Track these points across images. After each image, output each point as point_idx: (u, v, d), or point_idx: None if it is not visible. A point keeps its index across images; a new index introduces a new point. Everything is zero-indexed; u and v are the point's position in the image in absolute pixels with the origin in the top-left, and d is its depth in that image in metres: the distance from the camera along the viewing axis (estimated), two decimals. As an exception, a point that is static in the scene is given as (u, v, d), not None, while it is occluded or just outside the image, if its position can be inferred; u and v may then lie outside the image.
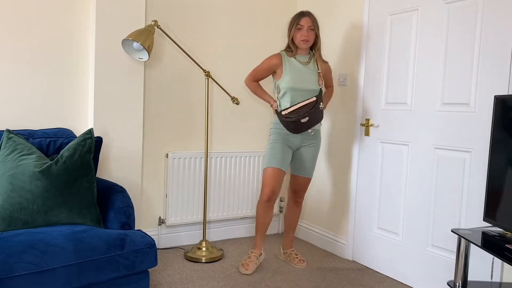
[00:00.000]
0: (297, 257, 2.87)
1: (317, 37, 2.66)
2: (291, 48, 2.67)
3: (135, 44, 2.61)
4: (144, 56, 2.66)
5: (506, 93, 2.10)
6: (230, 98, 3.29)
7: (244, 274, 2.66)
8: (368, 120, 2.86)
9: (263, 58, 3.40)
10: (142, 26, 2.74)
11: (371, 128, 2.85)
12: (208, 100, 2.99)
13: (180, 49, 2.93)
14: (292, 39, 2.65)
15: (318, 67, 2.70)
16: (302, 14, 2.62)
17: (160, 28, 2.74)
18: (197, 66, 3.09)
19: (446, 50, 2.39)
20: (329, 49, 3.21)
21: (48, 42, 2.58)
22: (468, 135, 2.28)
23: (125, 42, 2.61)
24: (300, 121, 2.59)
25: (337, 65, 3.14)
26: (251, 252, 2.77)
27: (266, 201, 2.68)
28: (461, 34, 2.31)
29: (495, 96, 1.89)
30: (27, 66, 2.53)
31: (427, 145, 2.50)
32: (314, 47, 2.69)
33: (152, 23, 2.68)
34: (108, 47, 2.66)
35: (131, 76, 2.75)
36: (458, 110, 2.33)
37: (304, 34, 2.59)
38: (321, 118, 2.69)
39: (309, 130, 2.67)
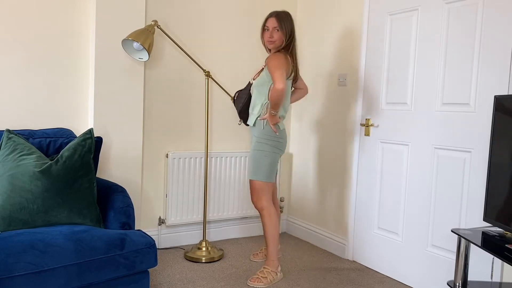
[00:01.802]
0: (256, 275, 2.54)
1: (290, 36, 2.55)
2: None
3: (135, 44, 2.62)
4: (144, 56, 2.66)
5: (506, 93, 2.10)
6: (230, 98, 3.28)
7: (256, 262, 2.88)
8: (368, 120, 2.86)
9: (262, 58, 3.42)
10: (142, 26, 2.74)
11: (371, 128, 2.85)
12: (208, 100, 2.99)
13: (180, 49, 2.93)
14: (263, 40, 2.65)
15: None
16: (269, 15, 2.58)
17: (160, 28, 2.74)
18: (197, 66, 3.09)
19: (446, 50, 2.39)
20: (329, 49, 3.21)
21: (48, 42, 2.58)
22: (468, 135, 2.28)
23: (125, 42, 2.61)
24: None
25: (337, 65, 3.14)
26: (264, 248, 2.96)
27: None
28: (461, 34, 2.31)
29: (495, 96, 1.89)
30: (27, 66, 2.53)
31: (427, 145, 2.50)
32: (289, 48, 2.57)
33: (152, 23, 2.68)
34: (108, 47, 2.66)
35: (131, 76, 2.75)
36: (458, 110, 2.33)
37: (268, 35, 2.57)
38: (237, 110, 2.74)
39: (247, 123, 2.72)
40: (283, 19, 2.54)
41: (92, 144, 2.06)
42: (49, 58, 2.60)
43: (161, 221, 3.06)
